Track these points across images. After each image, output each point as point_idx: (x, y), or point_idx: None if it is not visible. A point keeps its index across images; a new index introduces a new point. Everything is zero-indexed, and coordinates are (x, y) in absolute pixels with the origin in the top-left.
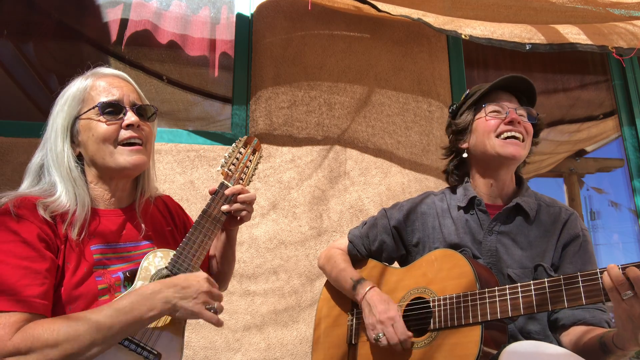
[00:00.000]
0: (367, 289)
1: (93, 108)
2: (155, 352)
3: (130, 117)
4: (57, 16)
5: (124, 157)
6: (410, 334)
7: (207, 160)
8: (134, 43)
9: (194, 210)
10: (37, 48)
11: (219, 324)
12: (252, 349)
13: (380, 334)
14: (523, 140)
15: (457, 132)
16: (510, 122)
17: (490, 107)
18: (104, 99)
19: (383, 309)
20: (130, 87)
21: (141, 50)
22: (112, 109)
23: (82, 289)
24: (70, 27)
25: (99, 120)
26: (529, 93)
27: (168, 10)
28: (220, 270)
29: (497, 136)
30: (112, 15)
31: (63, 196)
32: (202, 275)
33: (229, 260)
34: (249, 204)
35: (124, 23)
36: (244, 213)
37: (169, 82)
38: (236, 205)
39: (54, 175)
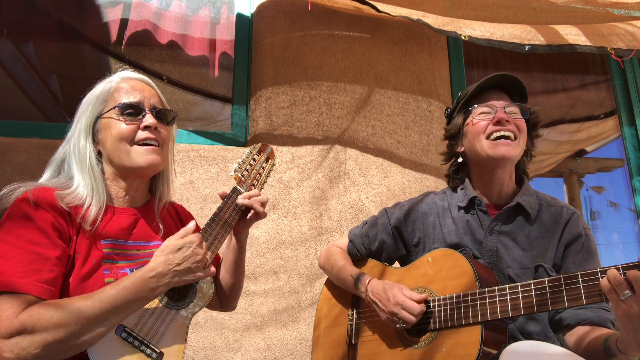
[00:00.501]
0: (367, 283)
1: (114, 108)
2: (158, 351)
3: (149, 119)
4: (57, 16)
5: (139, 156)
6: (421, 301)
7: (207, 160)
8: (134, 43)
9: (193, 210)
10: (37, 48)
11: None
12: (252, 349)
13: (401, 323)
14: (515, 138)
15: (451, 137)
16: (499, 122)
17: (479, 109)
18: (125, 100)
19: (385, 298)
20: (152, 91)
21: (141, 50)
22: (132, 110)
23: (90, 280)
24: (70, 27)
25: (118, 120)
26: (519, 89)
27: (168, 10)
28: (231, 283)
29: (487, 137)
30: (112, 15)
31: (80, 188)
32: (180, 244)
33: (240, 270)
34: (262, 204)
35: (124, 23)
36: (259, 209)
37: (169, 82)
38: (253, 200)
39: (73, 169)
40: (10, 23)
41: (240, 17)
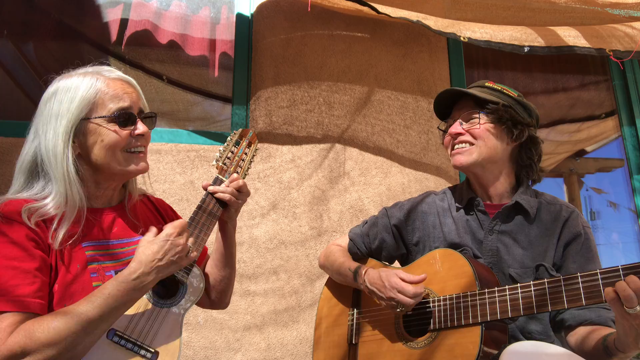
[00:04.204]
0: (363, 274)
1: (106, 116)
2: (153, 351)
3: (141, 127)
4: (57, 16)
5: (132, 164)
6: (417, 278)
7: (207, 160)
8: (134, 43)
9: (193, 210)
10: (37, 48)
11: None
12: (252, 349)
13: (400, 307)
14: (473, 145)
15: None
16: (451, 137)
17: (445, 125)
18: (116, 105)
19: (381, 285)
20: (137, 93)
21: (141, 50)
22: (125, 119)
23: (77, 285)
24: (70, 27)
25: (109, 128)
26: (471, 94)
27: (168, 10)
28: (220, 277)
29: (451, 149)
30: (112, 15)
31: (55, 200)
32: (161, 238)
33: (229, 263)
34: (239, 190)
35: (124, 23)
36: (229, 199)
37: (169, 82)
38: (228, 194)
39: (50, 174)
40: (10, 23)
41: (240, 17)
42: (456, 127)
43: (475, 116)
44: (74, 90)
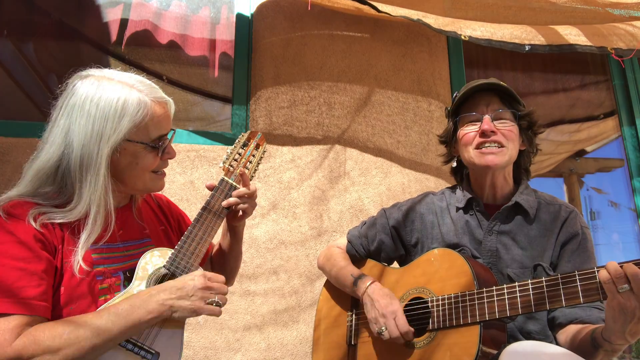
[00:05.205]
0: (368, 283)
1: (146, 142)
2: (154, 352)
3: (171, 151)
4: (57, 16)
5: (156, 184)
6: (411, 328)
7: (207, 160)
8: (134, 43)
9: (194, 210)
10: (37, 48)
11: (219, 314)
12: (252, 349)
13: (383, 328)
14: (503, 146)
15: (445, 142)
16: (483, 133)
17: (466, 118)
18: (157, 133)
19: (385, 303)
20: (171, 113)
21: (141, 50)
22: (161, 145)
23: (83, 288)
24: (70, 27)
25: (147, 153)
26: (509, 91)
27: (168, 10)
28: (227, 267)
29: (475, 147)
30: (112, 15)
31: (71, 213)
32: (197, 272)
33: (236, 255)
34: (247, 197)
35: (124, 23)
36: (244, 207)
37: (169, 82)
38: (233, 200)
39: (74, 187)
40: (10, 23)
41: (240, 17)
42: (490, 124)
43: (506, 116)
44: (122, 109)
